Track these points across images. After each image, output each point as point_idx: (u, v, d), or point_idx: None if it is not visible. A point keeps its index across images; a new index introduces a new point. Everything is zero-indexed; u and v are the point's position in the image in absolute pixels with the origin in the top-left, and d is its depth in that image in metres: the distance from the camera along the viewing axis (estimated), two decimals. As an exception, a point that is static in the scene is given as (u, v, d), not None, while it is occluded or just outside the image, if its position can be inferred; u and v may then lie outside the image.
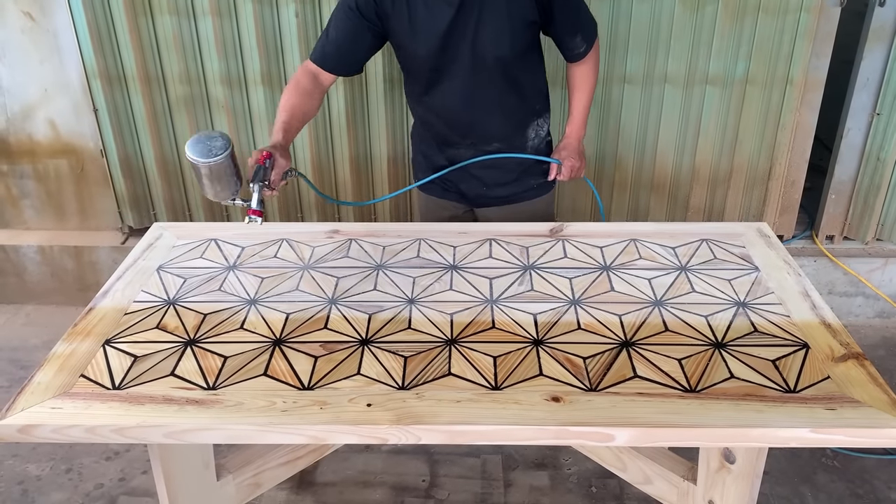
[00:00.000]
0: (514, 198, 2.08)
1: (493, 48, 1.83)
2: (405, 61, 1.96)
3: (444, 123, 2.01)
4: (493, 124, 1.98)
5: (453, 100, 1.93)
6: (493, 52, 1.84)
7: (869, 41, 2.62)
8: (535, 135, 2.03)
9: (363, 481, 2.21)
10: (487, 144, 2.00)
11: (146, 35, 2.66)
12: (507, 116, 1.98)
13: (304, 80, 1.88)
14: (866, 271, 2.91)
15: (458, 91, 1.91)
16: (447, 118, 1.99)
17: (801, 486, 2.19)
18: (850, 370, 1.32)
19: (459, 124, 1.99)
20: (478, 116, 1.96)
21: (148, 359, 1.37)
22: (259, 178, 1.61)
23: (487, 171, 2.04)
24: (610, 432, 1.21)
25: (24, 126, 2.91)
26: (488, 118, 1.96)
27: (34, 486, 2.21)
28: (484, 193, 2.08)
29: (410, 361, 1.36)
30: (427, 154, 2.11)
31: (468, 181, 2.07)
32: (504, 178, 2.05)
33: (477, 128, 1.98)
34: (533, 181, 2.07)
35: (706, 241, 1.79)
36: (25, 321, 3.04)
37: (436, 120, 2.02)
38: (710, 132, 2.77)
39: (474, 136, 2.00)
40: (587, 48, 1.95)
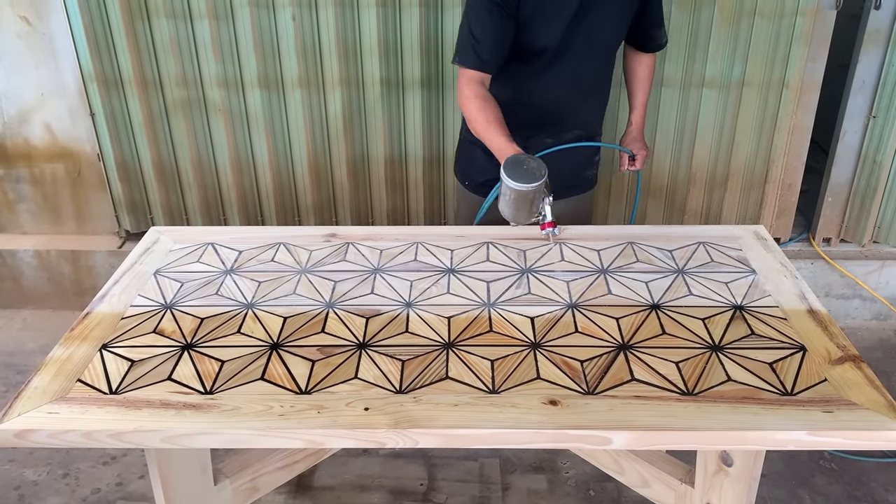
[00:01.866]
0: (567, 192, 2.04)
1: (609, 34, 1.92)
2: (521, 48, 1.88)
3: (540, 111, 1.97)
4: (586, 110, 2.03)
5: (562, 85, 1.94)
6: (606, 37, 1.92)
7: (865, 44, 2.63)
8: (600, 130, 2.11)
9: (361, 485, 2.20)
10: (569, 132, 2.01)
11: (143, 38, 2.66)
12: (597, 103, 2.06)
13: (481, 90, 1.83)
14: (863, 274, 2.92)
15: (569, 76, 1.93)
16: (547, 105, 1.97)
17: (799, 489, 2.19)
18: (847, 373, 1.32)
19: (557, 111, 1.98)
20: (577, 102, 1.99)
21: (145, 363, 1.37)
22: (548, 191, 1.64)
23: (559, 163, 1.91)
24: (607, 435, 1.20)
25: (21, 130, 2.91)
26: (585, 104, 2.02)
27: (31, 491, 2.20)
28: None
29: (408, 365, 1.36)
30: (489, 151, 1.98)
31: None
32: (569, 170, 2.04)
33: (572, 114, 2.01)
34: (587, 173, 2.11)
35: (703, 243, 1.79)
36: (22, 326, 3.04)
37: (531, 108, 1.97)
38: (706, 135, 2.77)
39: (564, 123, 2.00)
40: (666, 41, 2.07)
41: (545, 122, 2.00)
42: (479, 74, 1.84)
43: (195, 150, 2.84)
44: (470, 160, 2.11)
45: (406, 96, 2.72)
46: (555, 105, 1.98)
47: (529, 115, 1.98)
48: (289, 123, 2.78)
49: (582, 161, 2.09)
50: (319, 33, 2.63)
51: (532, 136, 2.00)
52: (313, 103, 2.74)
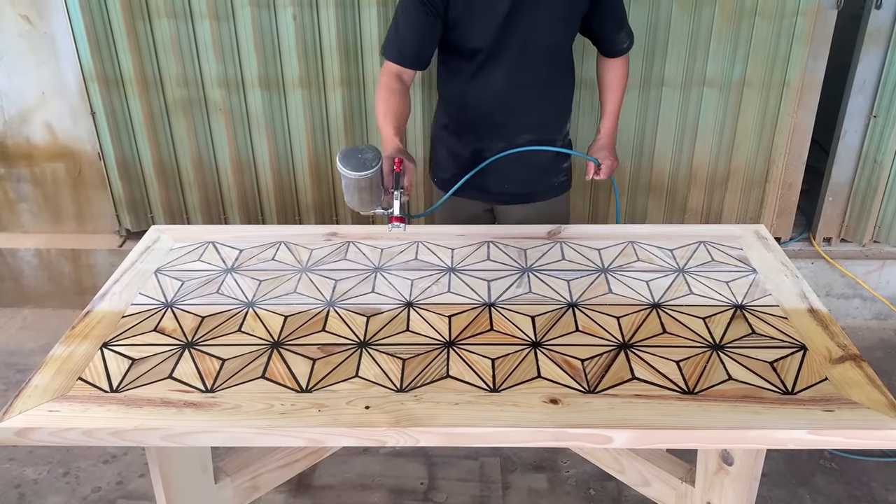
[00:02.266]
0: (535, 196, 2.08)
1: (546, 35, 1.87)
2: (454, 49, 1.93)
3: (484, 112, 1.98)
4: (532, 114, 1.99)
5: (499, 86, 1.93)
6: (545, 39, 1.87)
7: (865, 44, 2.63)
8: (565, 131, 2.07)
9: (361, 484, 2.20)
10: (520, 136, 2.00)
11: (144, 38, 2.66)
12: (545, 107, 2.01)
13: (393, 82, 1.87)
14: (863, 273, 2.92)
15: (505, 77, 1.92)
16: (489, 106, 1.97)
17: (799, 489, 2.19)
18: (847, 372, 1.32)
19: (500, 112, 1.97)
20: (520, 104, 1.96)
21: (146, 361, 1.37)
22: (398, 185, 1.62)
23: (513, 167, 2.00)
24: (608, 434, 1.21)
25: (22, 130, 2.91)
26: (529, 107, 1.98)
27: (31, 489, 2.20)
28: (506, 190, 2.07)
29: (409, 364, 1.36)
30: (453, 150, 2.06)
31: (492, 176, 2.01)
32: (528, 175, 2.05)
33: (517, 116, 1.98)
34: (554, 179, 2.08)
35: (704, 243, 1.79)
36: (22, 325, 3.04)
37: (475, 109, 1.99)
38: (707, 135, 2.77)
39: (512, 125, 1.99)
40: (630, 44, 2.00)
41: (491, 124, 1.99)
42: (397, 67, 1.88)
43: (196, 150, 2.84)
44: (437, 157, 2.15)
45: None
46: (497, 107, 1.97)
47: (476, 116, 2.00)
48: (289, 123, 2.78)
49: (545, 166, 2.05)
50: (320, 33, 2.63)
51: (483, 138, 2.02)
52: (314, 103, 2.74)
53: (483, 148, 2.01)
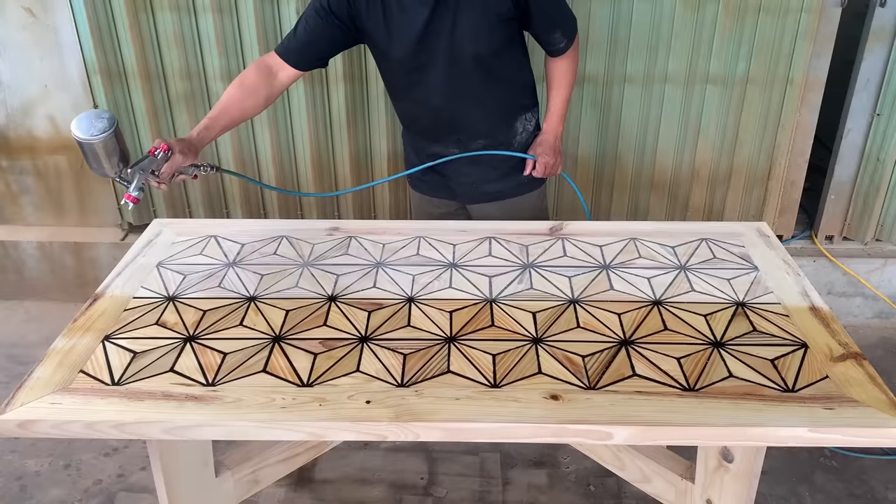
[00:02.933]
0: (505, 193, 2.08)
1: (471, 45, 1.82)
2: (382, 62, 1.95)
3: (427, 122, 2.01)
4: (475, 121, 1.97)
5: (434, 98, 1.92)
6: (470, 49, 1.83)
7: (869, 42, 2.62)
8: (523, 129, 2.03)
9: (361, 478, 2.21)
10: (472, 141, 2.00)
11: (147, 31, 2.66)
12: (489, 112, 1.98)
13: (253, 76, 1.84)
14: (865, 272, 2.91)
15: (437, 89, 1.90)
16: (429, 117, 1.99)
17: (799, 486, 2.19)
18: (848, 370, 1.32)
19: (441, 122, 1.98)
20: (459, 113, 1.95)
21: (147, 355, 1.37)
22: (144, 167, 1.59)
23: (475, 169, 2.04)
24: (608, 430, 1.21)
25: (24, 122, 2.91)
26: (470, 115, 1.96)
27: (33, 481, 2.21)
28: (474, 190, 2.09)
29: (410, 359, 1.36)
30: (416, 151, 2.11)
31: (458, 178, 2.07)
32: (492, 175, 2.05)
33: (460, 125, 1.98)
34: (523, 177, 2.06)
35: (706, 240, 1.79)
36: (25, 317, 3.04)
37: (418, 119, 2.03)
38: (710, 132, 2.77)
39: (458, 133, 1.99)
40: (567, 44, 1.94)
41: (441, 130, 2.00)
42: (275, 59, 1.87)
43: (198, 144, 2.83)
44: (406, 158, 2.21)
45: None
46: (439, 119, 1.97)
47: (425, 125, 2.03)
48: (292, 118, 2.78)
49: (507, 165, 2.04)
50: (323, 27, 2.62)
51: (436, 147, 2.04)
52: (317, 98, 2.74)
53: (441, 152, 2.04)
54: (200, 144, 1.70)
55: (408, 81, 1.93)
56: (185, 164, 1.65)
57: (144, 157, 1.60)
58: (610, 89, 2.71)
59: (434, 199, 2.17)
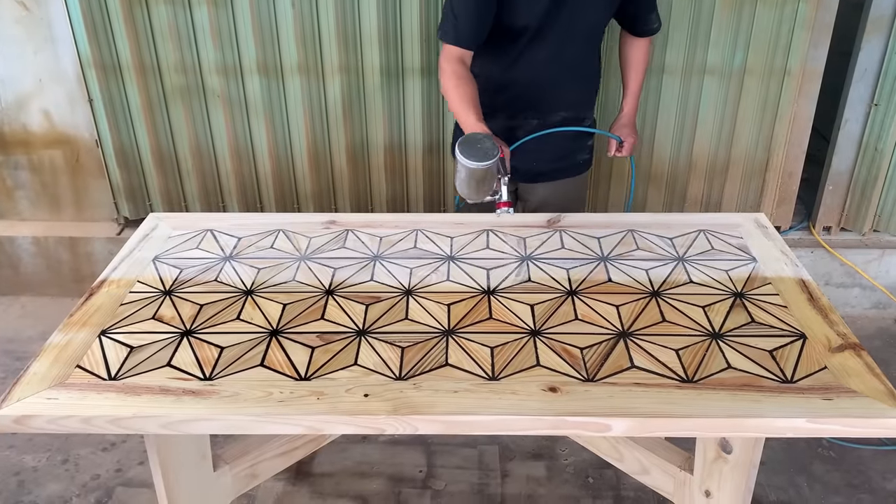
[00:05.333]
0: (562, 173, 2.12)
1: (590, 15, 1.91)
2: (501, 28, 1.93)
3: (523, 90, 2.01)
4: (569, 92, 2.04)
5: (542, 65, 1.96)
6: (589, 18, 1.92)
7: (867, 32, 2.62)
8: (594, 108, 2.12)
9: (360, 472, 2.21)
10: (555, 114, 2.04)
11: (141, 24, 2.64)
12: (582, 85, 2.06)
13: (459, 68, 1.89)
14: (863, 262, 2.92)
15: (549, 56, 1.95)
16: (529, 85, 2.00)
17: (797, 477, 2.19)
18: (846, 360, 1.32)
19: (539, 91, 2.01)
20: (560, 82, 2.00)
21: (144, 349, 1.37)
22: (505, 171, 1.67)
23: (543, 146, 2.05)
24: (607, 422, 1.21)
25: (19, 116, 2.89)
26: (567, 85, 2.02)
27: (30, 477, 2.20)
28: (534, 168, 2.10)
29: (408, 352, 1.35)
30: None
31: (523, 155, 2.06)
32: (556, 153, 2.08)
33: (555, 94, 2.02)
34: (579, 157, 2.11)
35: (703, 231, 1.79)
36: (21, 313, 3.03)
37: (514, 88, 2.02)
38: (707, 123, 2.76)
39: (549, 103, 2.03)
40: (660, 25, 2.06)
41: (529, 102, 2.02)
42: (459, 51, 1.89)
43: (194, 137, 2.83)
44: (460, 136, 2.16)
45: (406, 84, 2.71)
46: (537, 85, 2.00)
47: (513, 95, 2.03)
48: (288, 110, 2.77)
49: (573, 144, 2.09)
50: (319, 20, 2.61)
51: (517, 116, 2.05)
52: (313, 90, 2.73)
53: (515, 126, 2.05)
54: None
55: (522, 48, 1.95)
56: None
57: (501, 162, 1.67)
58: (607, 80, 2.70)
59: None
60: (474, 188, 1.62)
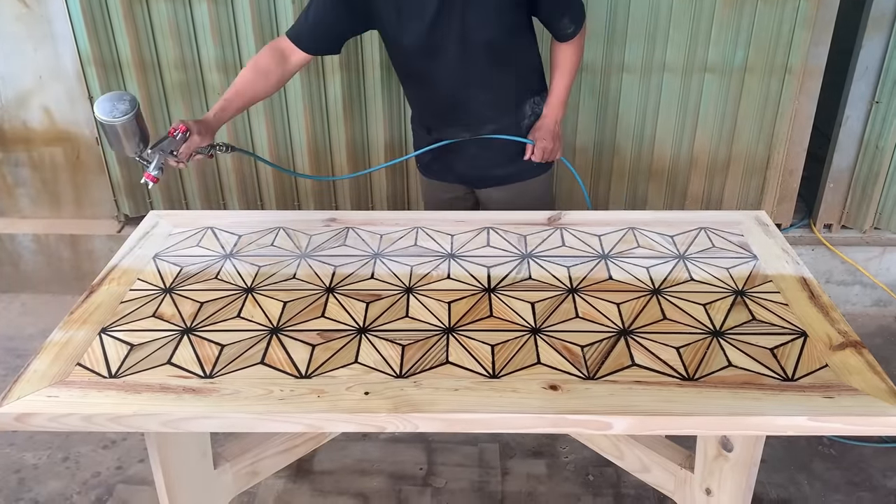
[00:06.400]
0: (514, 177, 2.09)
1: (481, 31, 1.83)
2: (392, 48, 1.95)
3: (436, 107, 2.02)
4: (484, 105, 1.98)
5: (444, 83, 1.93)
6: (481, 34, 1.83)
7: (868, 29, 2.61)
8: (532, 112, 2.04)
9: (361, 469, 2.21)
10: (481, 126, 2.01)
11: (141, 21, 2.64)
12: (498, 97, 1.99)
13: (266, 59, 1.87)
14: (864, 260, 2.91)
15: (447, 74, 1.91)
16: (438, 102, 2.00)
17: (798, 475, 2.19)
18: (847, 358, 1.32)
19: (450, 107, 1.99)
20: (469, 98, 1.96)
21: (144, 347, 1.37)
22: (163, 148, 1.64)
23: (484, 153, 2.04)
24: (607, 420, 1.20)
25: (19, 113, 2.89)
26: (479, 100, 1.97)
27: (31, 474, 2.20)
28: (483, 174, 2.10)
29: (408, 350, 1.35)
30: (425, 137, 2.12)
31: (467, 162, 2.08)
32: (501, 159, 2.06)
33: (469, 110, 1.98)
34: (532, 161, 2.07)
35: (704, 229, 1.78)
36: (21, 310, 3.03)
37: (428, 104, 2.04)
38: (708, 121, 2.76)
39: (467, 118, 2.00)
40: (575, 29, 1.95)
41: (451, 115, 2.01)
42: (286, 42, 1.88)
43: (194, 135, 2.82)
44: (415, 144, 2.22)
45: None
46: (449, 104, 1.99)
47: (433, 111, 2.05)
48: (288, 108, 2.77)
49: (516, 147, 2.04)
50: (319, 16, 2.61)
51: (448, 129, 2.04)
52: (313, 88, 2.72)
53: (449, 137, 2.05)
54: (217, 125, 1.76)
55: (418, 67, 1.93)
56: (202, 145, 1.70)
57: (164, 137, 1.65)
58: (608, 78, 2.69)
59: (443, 184, 2.19)
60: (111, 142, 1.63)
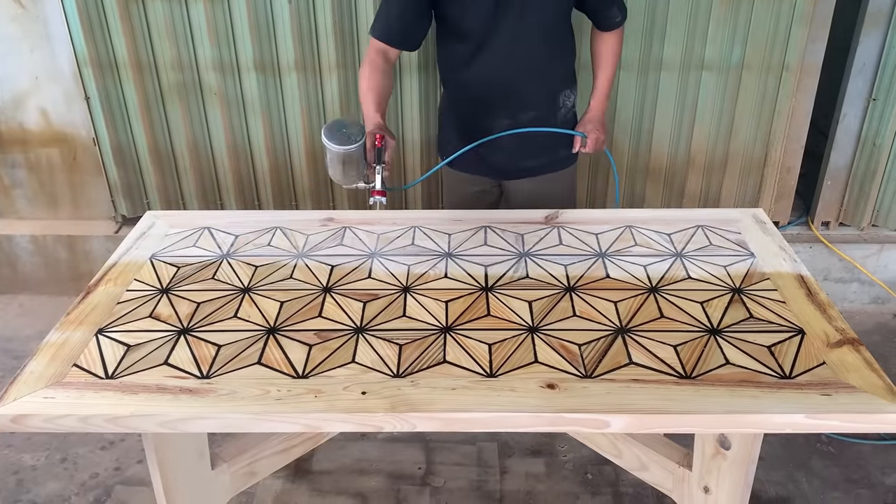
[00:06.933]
0: (543, 169, 2.11)
1: (538, 14, 1.89)
2: (450, 32, 1.96)
3: (485, 92, 2.02)
4: (532, 91, 2.02)
5: (497, 67, 1.96)
6: (537, 18, 1.89)
7: (865, 26, 2.61)
8: (563, 104, 2.08)
9: (359, 469, 2.21)
10: (523, 113, 2.03)
11: (137, 21, 2.63)
12: (544, 83, 2.03)
13: (378, 59, 1.91)
14: (861, 257, 2.91)
15: (502, 58, 1.94)
16: (488, 86, 2.00)
17: (796, 472, 2.19)
18: (845, 356, 1.32)
19: (500, 92, 2.00)
20: (519, 82, 1.99)
21: (141, 348, 1.37)
22: (379, 160, 1.66)
23: (519, 144, 2.05)
24: (605, 419, 1.20)
25: (16, 115, 2.89)
26: (528, 84, 2.00)
27: (29, 476, 2.20)
28: (514, 165, 2.11)
29: (405, 349, 1.35)
30: (460, 129, 2.09)
31: (499, 154, 2.07)
32: (534, 150, 2.08)
33: (517, 95, 2.01)
34: (562, 152, 2.10)
35: (702, 227, 1.78)
36: (19, 311, 3.03)
37: (476, 90, 2.03)
38: (706, 118, 2.76)
39: (513, 103, 2.02)
40: (622, 18, 2.02)
41: (493, 102, 2.02)
42: (383, 45, 1.91)
43: (191, 135, 2.82)
44: (445, 136, 2.18)
45: (403, 81, 2.70)
46: (496, 87, 2.00)
47: (476, 97, 2.04)
48: (285, 107, 2.76)
49: (551, 140, 2.07)
50: (316, 17, 2.60)
51: (486, 116, 2.04)
52: (310, 87, 2.72)
53: (488, 125, 2.04)
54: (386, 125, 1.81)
55: (475, 49, 1.95)
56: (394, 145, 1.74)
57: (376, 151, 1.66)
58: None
59: (471, 177, 2.17)
60: (340, 172, 1.63)
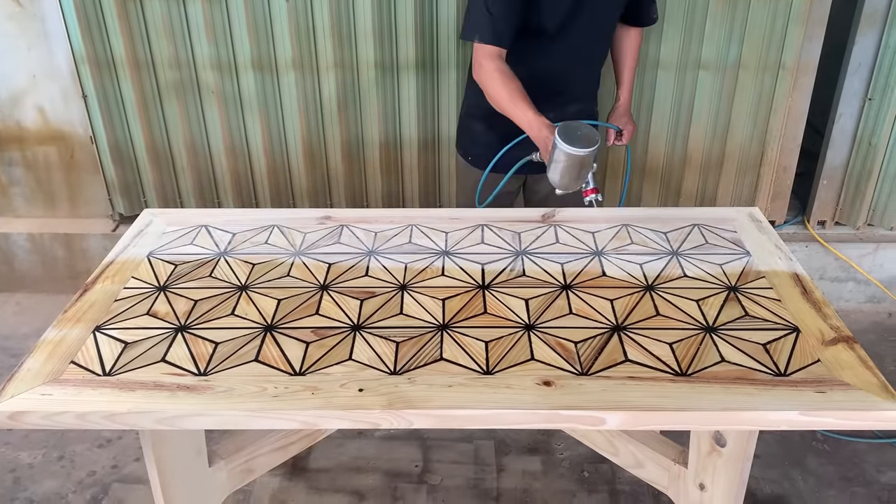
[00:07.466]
0: None
1: (610, 10, 2.02)
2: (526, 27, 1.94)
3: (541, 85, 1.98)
4: (586, 85, 2.13)
5: (561, 63, 2.02)
6: (606, 16, 2.02)
7: (861, 25, 2.62)
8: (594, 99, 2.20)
9: (356, 467, 2.21)
10: (570, 105, 2.08)
11: (135, 20, 2.63)
12: (591, 79, 2.14)
13: (502, 64, 1.90)
14: (857, 256, 2.92)
15: (567, 54, 2.01)
16: (547, 80, 2.02)
17: (792, 470, 2.20)
18: (840, 353, 1.32)
19: (557, 86, 2.05)
20: (575, 78, 2.08)
21: (138, 345, 1.37)
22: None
23: None
24: (601, 416, 1.21)
25: (13, 113, 2.89)
26: (584, 78, 2.11)
27: (26, 473, 2.20)
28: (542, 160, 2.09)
29: (402, 347, 1.36)
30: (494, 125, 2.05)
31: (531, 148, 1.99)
32: None
33: (571, 89, 2.08)
34: None
35: (698, 226, 1.79)
36: (16, 309, 3.03)
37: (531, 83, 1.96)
38: (702, 117, 2.76)
39: (565, 96, 2.07)
40: (657, 15, 2.18)
41: (548, 96, 2.02)
42: (497, 49, 1.90)
43: (188, 133, 2.82)
44: (472, 134, 2.18)
45: (401, 79, 2.71)
46: (557, 80, 2.05)
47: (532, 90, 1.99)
48: (283, 106, 2.77)
49: None
50: (313, 15, 2.61)
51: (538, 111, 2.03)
52: (307, 86, 2.72)
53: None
54: None
55: (543, 46, 1.98)
56: None
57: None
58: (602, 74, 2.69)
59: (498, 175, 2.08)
60: (575, 177, 1.64)
